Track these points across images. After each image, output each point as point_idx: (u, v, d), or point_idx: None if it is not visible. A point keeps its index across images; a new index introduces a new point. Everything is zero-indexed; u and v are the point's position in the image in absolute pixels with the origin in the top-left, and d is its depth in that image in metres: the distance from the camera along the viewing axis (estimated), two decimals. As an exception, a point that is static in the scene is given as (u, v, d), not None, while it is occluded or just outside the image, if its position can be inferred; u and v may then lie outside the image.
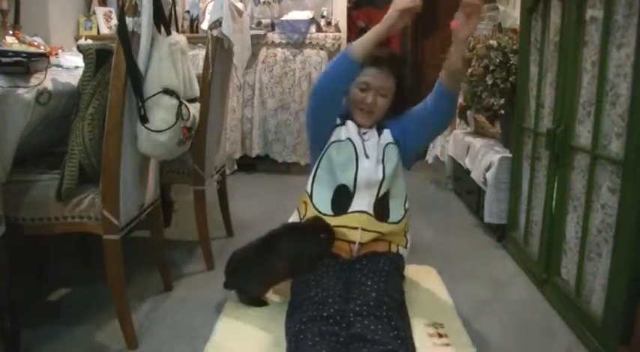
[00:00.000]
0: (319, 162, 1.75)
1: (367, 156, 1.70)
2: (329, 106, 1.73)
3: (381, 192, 1.69)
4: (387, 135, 1.76)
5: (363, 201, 1.67)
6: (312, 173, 1.76)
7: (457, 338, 1.53)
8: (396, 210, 1.72)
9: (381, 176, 1.68)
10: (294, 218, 1.80)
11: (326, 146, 1.74)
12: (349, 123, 1.76)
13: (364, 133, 1.76)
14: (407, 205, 1.77)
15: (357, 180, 1.68)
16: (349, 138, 1.72)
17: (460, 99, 3.07)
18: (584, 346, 1.55)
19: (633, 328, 1.36)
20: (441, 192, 3.46)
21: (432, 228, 2.63)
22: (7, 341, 1.40)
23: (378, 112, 1.75)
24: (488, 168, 2.49)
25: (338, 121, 1.77)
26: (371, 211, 1.67)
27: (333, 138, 1.74)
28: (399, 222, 1.72)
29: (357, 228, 1.66)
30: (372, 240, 1.68)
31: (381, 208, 1.69)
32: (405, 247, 1.78)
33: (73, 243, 2.10)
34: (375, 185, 1.69)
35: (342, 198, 1.69)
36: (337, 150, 1.71)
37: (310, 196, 1.73)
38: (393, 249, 1.71)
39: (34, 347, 1.51)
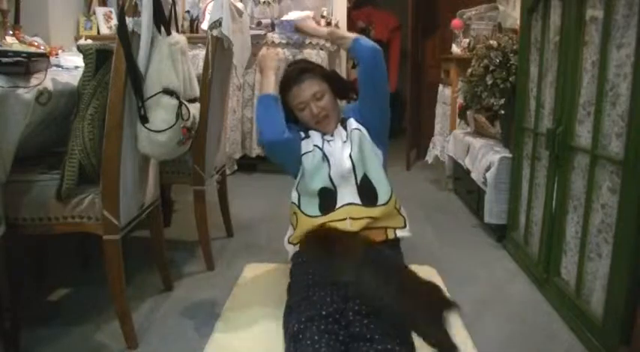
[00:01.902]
0: (298, 176, 1.80)
1: (334, 152, 1.75)
2: (286, 150, 1.79)
3: (359, 178, 1.72)
4: (350, 123, 1.80)
5: (346, 195, 1.71)
6: (295, 186, 1.80)
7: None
8: (382, 190, 1.73)
9: (349, 164, 1.72)
10: (289, 233, 1.81)
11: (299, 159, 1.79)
12: (312, 133, 1.81)
13: (332, 134, 1.80)
14: (391, 183, 1.78)
15: (332, 177, 1.72)
16: (315, 145, 1.77)
17: (460, 100, 3.07)
18: (584, 346, 1.55)
19: (633, 328, 1.36)
20: (441, 192, 3.46)
21: (432, 228, 2.63)
22: (7, 341, 1.40)
23: (330, 112, 1.79)
24: (488, 168, 2.49)
25: (302, 135, 1.81)
26: (357, 200, 1.70)
27: (302, 151, 1.78)
28: (387, 202, 1.73)
29: (345, 219, 1.67)
30: (366, 227, 1.68)
31: (365, 193, 1.71)
32: (404, 226, 1.76)
33: (74, 243, 2.11)
34: (349, 175, 1.73)
35: (327, 199, 1.72)
36: (308, 160, 1.76)
37: (298, 206, 1.76)
38: (390, 235, 1.71)
39: (34, 347, 1.51)
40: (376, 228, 1.70)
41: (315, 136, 1.79)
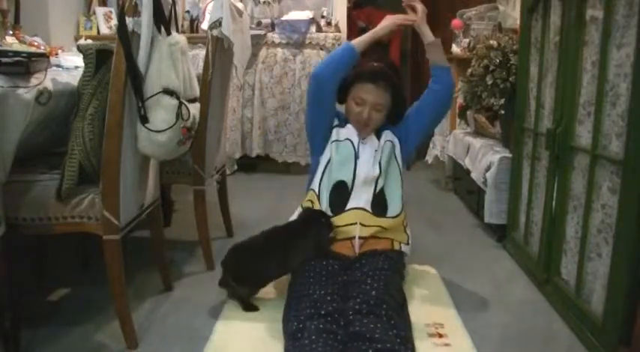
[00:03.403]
0: (322, 161, 1.79)
1: (365, 154, 1.77)
2: (327, 91, 1.79)
3: (378, 188, 1.73)
4: (385, 134, 1.83)
5: (360, 199, 1.72)
6: (320, 173, 1.79)
7: (457, 339, 1.53)
8: (393, 204, 1.75)
9: (377, 172, 1.75)
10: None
11: (327, 144, 1.79)
12: (349, 125, 1.82)
13: (363, 137, 1.82)
14: (404, 199, 1.80)
15: (356, 176, 1.73)
16: (348, 138, 1.78)
17: (460, 100, 3.07)
18: (584, 346, 1.55)
19: (633, 328, 1.36)
20: (441, 192, 3.46)
21: (432, 228, 2.63)
22: (7, 341, 1.40)
23: (373, 125, 1.82)
24: (488, 168, 2.49)
25: (336, 122, 1.81)
26: (368, 208, 1.71)
27: (333, 138, 1.79)
28: (397, 215, 1.74)
29: (355, 223, 1.68)
30: (374, 235, 1.69)
31: (378, 204, 1.73)
32: (407, 243, 1.79)
33: (74, 243, 2.10)
34: (371, 181, 1.74)
35: (339, 195, 1.73)
36: (336, 149, 1.78)
37: (318, 196, 1.76)
38: (395, 246, 1.73)
39: (34, 347, 1.51)
40: (383, 237, 1.71)
41: (352, 131, 1.82)
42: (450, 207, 3.10)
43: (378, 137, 1.83)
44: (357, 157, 1.76)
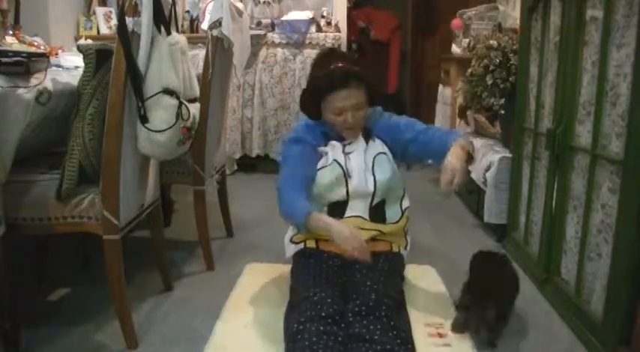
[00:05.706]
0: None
1: (354, 169, 1.68)
2: None
3: (375, 201, 1.70)
4: (376, 144, 1.74)
5: (357, 209, 1.69)
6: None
7: (457, 339, 1.53)
8: (392, 214, 1.73)
9: (372, 188, 1.68)
10: (290, 232, 1.81)
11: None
12: (332, 144, 1.73)
13: (349, 144, 1.73)
14: (405, 205, 1.77)
15: (350, 194, 1.68)
16: (335, 160, 1.69)
17: (460, 99, 3.07)
18: (584, 346, 1.55)
19: (633, 328, 1.36)
20: (441, 191, 3.46)
21: (432, 228, 2.63)
22: (7, 341, 1.40)
23: (359, 123, 1.72)
24: (488, 168, 2.49)
25: (322, 149, 1.73)
26: (366, 216, 1.69)
27: (319, 165, 1.71)
28: (397, 221, 1.73)
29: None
30: (373, 238, 1.68)
31: (376, 214, 1.71)
32: (405, 248, 1.78)
33: (73, 243, 2.11)
34: (367, 196, 1.69)
35: (336, 208, 1.70)
36: (325, 175, 1.69)
37: None
38: (394, 249, 1.72)
39: (34, 347, 1.51)
40: (382, 240, 1.71)
41: (336, 149, 1.71)
42: (450, 206, 3.10)
43: (367, 139, 1.74)
44: (347, 176, 1.68)
